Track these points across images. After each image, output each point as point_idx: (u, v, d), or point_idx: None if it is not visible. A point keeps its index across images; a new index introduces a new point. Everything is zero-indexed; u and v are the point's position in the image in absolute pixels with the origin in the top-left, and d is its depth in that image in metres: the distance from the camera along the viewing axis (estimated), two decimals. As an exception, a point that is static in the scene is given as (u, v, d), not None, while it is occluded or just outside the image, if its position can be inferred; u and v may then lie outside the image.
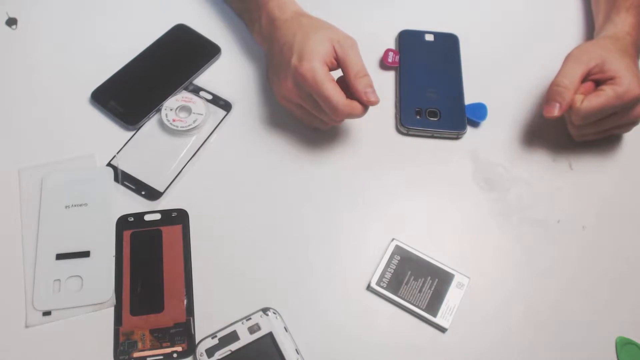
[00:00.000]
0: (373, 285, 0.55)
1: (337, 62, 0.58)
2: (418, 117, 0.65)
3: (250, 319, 0.52)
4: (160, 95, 0.65)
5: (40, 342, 0.51)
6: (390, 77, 0.69)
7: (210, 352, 0.51)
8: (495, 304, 0.56)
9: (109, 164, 0.61)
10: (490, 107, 0.66)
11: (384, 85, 0.68)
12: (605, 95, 0.57)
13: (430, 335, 0.54)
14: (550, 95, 0.59)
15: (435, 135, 0.65)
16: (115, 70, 0.67)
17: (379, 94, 0.57)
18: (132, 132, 0.63)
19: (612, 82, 0.57)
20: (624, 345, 0.54)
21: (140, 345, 0.51)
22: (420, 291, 0.55)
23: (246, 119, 0.65)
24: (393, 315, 0.54)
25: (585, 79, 0.59)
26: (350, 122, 0.65)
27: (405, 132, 0.65)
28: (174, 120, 0.63)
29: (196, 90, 0.66)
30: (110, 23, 0.72)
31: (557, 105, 0.58)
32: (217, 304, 0.54)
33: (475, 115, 0.65)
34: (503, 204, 0.61)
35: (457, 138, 0.65)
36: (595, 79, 0.59)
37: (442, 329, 0.54)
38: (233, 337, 0.51)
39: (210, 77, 0.68)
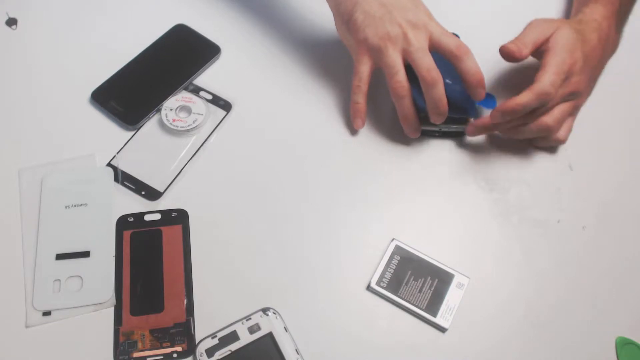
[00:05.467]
0: (373, 285, 0.55)
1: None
2: (423, 114, 0.64)
3: (250, 319, 0.52)
4: (160, 95, 0.65)
5: (40, 342, 0.51)
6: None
7: (210, 352, 0.51)
8: (495, 304, 0.56)
9: (109, 164, 0.61)
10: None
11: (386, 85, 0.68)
12: (527, 95, 0.57)
13: (430, 335, 0.54)
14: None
15: (442, 129, 0.64)
16: (115, 71, 0.67)
17: (381, 93, 0.57)
18: (132, 132, 0.63)
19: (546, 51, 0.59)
20: (624, 345, 0.54)
21: (140, 345, 0.51)
22: (420, 291, 0.55)
23: (246, 119, 0.65)
24: (393, 315, 0.55)
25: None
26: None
27: None
28: (174, 120, 0.63)
29: (196, 90, 0.66)
30: (111, 23, 0.72)
31: None
32: (217, 304, 0.54)
33: (487, 105, 0.65)
34: (503, 204, 0.61)
35: (463, 134, 0.65)
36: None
37: (442, 329, 0.54)
38: (233, 337, 0.51)
39: (210, 77, 0.68)
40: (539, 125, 0.60)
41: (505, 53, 0.60)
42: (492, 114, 0.59)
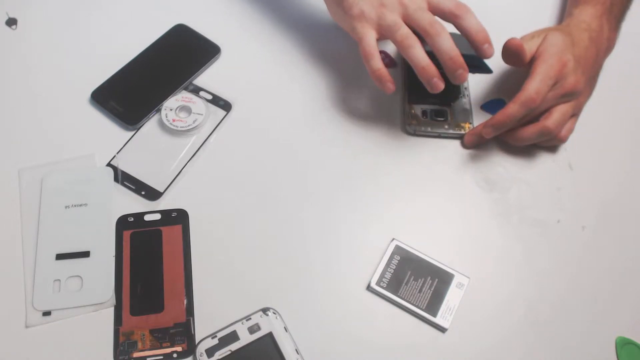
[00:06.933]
0: (373, 285, 0.55)
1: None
2: (424, 117, 0.65)
3: (250, 319, 0.52)
4: (160, 95, 0.65)
5: (40, 342, 0.52)
6: (396, 77, 0.69)
7: (210, 352, 0.51)
8: (495, 304, 0.56)
9: (109, 164, 0.61)
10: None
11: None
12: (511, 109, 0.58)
13: (430, 335, 0.54)
14: None
15: (442, 135, 0.64)
16: (115, 70, 0.67)
17: (381, 94, 0.56)
18: (132, 132, 0.63)
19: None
20: (624, 345, 0.54)
21: (140, 345, 0.51)
22: (420, 291, 0.55)
23: (246, 119, 0.65)
24: (393, 315, 0.55)
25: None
26: (355, 123, 0.65)
27: (412, 132, 0.65)
28: (174, 120, 0.63)
29: (196, 90, 0.66)
30: (111, 23, 0.72)
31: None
32: (217, 304, 0.54)
33: (493, 110, 0.65)
34: (503, 204, 0.61)
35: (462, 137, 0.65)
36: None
37: (442, 329, 0.54)
38: (233, 337, 0.51)
39: (210, 77, 0.68)
40: (540, 129, 0.60)
41: (512, 46, 0.60)
42: (484, 130, 0.60)
